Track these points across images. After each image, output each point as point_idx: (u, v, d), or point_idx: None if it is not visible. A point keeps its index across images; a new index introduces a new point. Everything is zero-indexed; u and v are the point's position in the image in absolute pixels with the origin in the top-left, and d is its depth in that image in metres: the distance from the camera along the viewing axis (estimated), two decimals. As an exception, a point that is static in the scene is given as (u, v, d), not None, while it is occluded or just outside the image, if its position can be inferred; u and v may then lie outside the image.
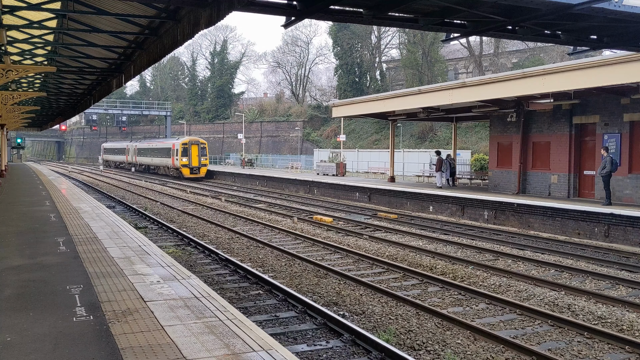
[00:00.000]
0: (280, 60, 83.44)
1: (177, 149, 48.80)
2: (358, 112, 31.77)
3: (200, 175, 49.06)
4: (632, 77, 16.41)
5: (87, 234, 12.48)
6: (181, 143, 48.45)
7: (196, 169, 48.75)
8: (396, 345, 8.14)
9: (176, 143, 49.33)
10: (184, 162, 48.32)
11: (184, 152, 48.41)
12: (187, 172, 48.40)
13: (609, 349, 8.37)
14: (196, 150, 48.74)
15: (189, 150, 48.37)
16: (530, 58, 51.38)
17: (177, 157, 48.76)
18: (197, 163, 48.77)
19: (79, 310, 6.62)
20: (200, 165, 49.02)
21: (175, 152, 49.29)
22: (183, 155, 48.31)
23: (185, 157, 48.28)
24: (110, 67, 17.97)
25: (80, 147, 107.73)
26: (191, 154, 48.38)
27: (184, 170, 48.49)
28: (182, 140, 49.36)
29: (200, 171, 49.10)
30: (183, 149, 48.30)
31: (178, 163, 48.69)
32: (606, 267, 14.00)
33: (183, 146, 48.28)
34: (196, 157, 48.70)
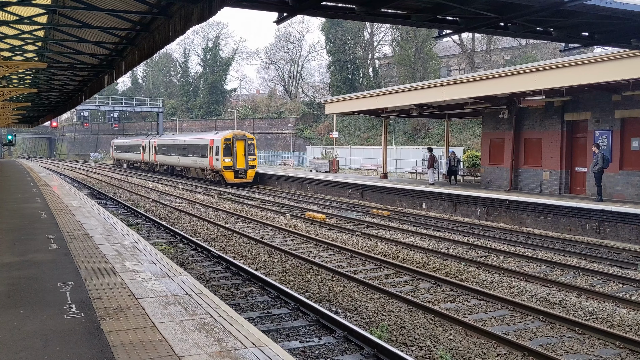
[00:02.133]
0: (273, 56, 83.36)
1: (217, 147, 38.73)
2: (351, 108, 31.76)
3: (247, 179, 38.76)
4: (623, 74, 16.47)
5: (78, 230, 12.41)
6: (223, 139, 38.18)
7: (242, 171, 38.48)
8: (388, 342, 8.15)
9: (216, 139, 39.21)
10: (226, 163, 38.02)
11: (226, 151, 38.09)
12: (230, 176, 38.15)
13: (600, 345, 8.41)
14: (242, 147, 38.58)
15: (233, 147, 38.24)
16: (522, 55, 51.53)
17: (217, 157, 38.51)
18: (244, 164, 38.57)
19: (69, 307, 6.59)
20: (248, 167, 38.75)
21: (214, 151, 39.01)
22: (226, 154, 37.99)
23: (228, 156, 37.98)
24: (102, 63, 17.86)
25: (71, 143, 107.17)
26: (236, 153, 38.15)
27: (227, 174, 38.18)
28: (224, 135, 39.02)
29: (247, 175, 38.84)
30: (226, 147, 38.13)
31: (219, 164, 38.32)
32: (597, 263, 14.07)
33: (226, 143, 38.16)
34: (242, 157, 38.55)
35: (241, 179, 38.40)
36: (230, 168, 38.14)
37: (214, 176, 40.33)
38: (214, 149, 39.21)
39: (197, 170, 43.70)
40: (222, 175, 38.56)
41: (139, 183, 41.07)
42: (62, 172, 54.60)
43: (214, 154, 39.06)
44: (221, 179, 39.03)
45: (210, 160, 39.80)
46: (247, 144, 38.80)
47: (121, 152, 67.69)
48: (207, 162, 40.40)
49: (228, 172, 38.20)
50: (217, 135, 40.04)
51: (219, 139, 38.59)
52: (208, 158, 40.08)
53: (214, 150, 39.03)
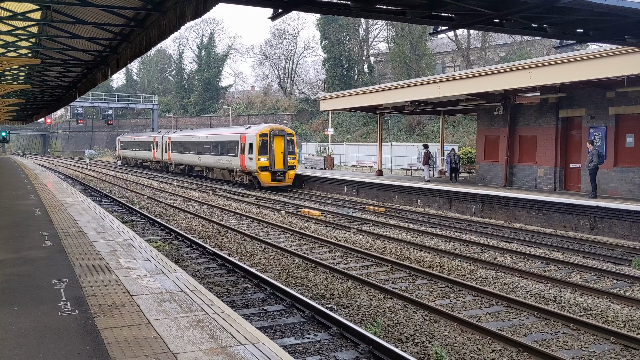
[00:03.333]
0: (268, 53, 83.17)
1: (250, 144, 32.77)
2: (346, 105, 31.75)
3: (285, 182, 32.85)
4: (618, 71, 16.51)
5: (72, 227, 12.37)
6: (258, 134, 32.24)
7: (281, 173, 32.38)
8: (384, 338, 8.16)
9: (249, 134, 33.26)
10: (262, 163, 31.98)
11: (262, 149, 32.13)
12: (267, 179, 32.15)
13: (595, 340, 8.44)
14: (281, 144, 32.43)
15: (269, 144, 32.14)
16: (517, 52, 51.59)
17: (250, 156, 32.61)
18: (283, 165, 32.33)
19: (64, 304, 6.57)
20: (287, 168, 32.64)
21: (247, 148, 33.21)
22: (262, 152, 32.07)
23: (264, 155, 32.02)
24: (96, 60, 17.78)
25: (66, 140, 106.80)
26: (274, 151, 32.07)
27: (262, 176, 32.13)
28: (259, 129, 33.25)
29: (285, 177, 32.80)
30: (261, 144, 32.20)
31: (253, 164, 32.33)
32: (592, 259, 14.12)
33: (261, 139, 32.20)
34: (281, 156, 32.29)
35: (279, 182, 32.34)
36: (267, 169, 32.00)
37: (245, 178, 34.07)
38: (246, 146, 33.15)
39: (223, 172, 37.63)
40: (257, 178, 32.55)
41: (143, 182, 40.90)
42: (56, 169, 54.40)
43: (246, 152, 33.05)
44: (254, 181, 33.10)
45: (242, 160, 33.61)
46: (286, 140, 32.63)
47: (128, 150, 62.00)
48: (237, 162, 34.29)
49: (264, 173, 32.09)
50: (250, 130, 34.12)
51: (253, 134, 32.54)
52: (238, 157, 34.08)
53: (247, 147, 33.07)
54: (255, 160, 32.17)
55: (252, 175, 33.13)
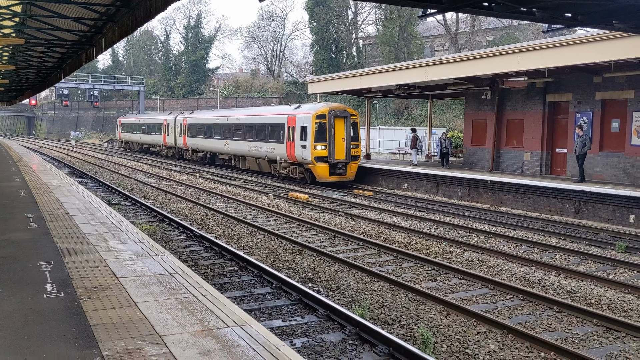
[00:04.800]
0: (256, 35, 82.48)
1: (302, 127, 25.81)
2: (334, 88, 31.61)
3: (347, 177, 26.18)
4: (605, 56, 16.57)
5: (58, 210, 12.27)
6: (315, 116, 25.40)
7: (342, 165, 25.72)
8: (370, 320, 8.22)
9: (302, 115, 26.14)
10: (319, 152, 25.26)
11: (319, 134, 25.38)
12: (324, 172, 25.46)
13: (578, 322, 8.56)
14: (342, 128, 25.81)
15: (329, 128, 25.38)
16: (506, 36, 51.56)
17: (303, 143, 25.67)
18: (344, 154, 25.72)
19: (49, 286, 6.53)
20: (350, 159, 25.97)
21: (297, 133, 26.11)
22: (318, 138, 25.31)
23: (321, 142, 25.31)
24: (81, 40, 17.53)
25: (51, 122, 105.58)
26: (334, 137, 25.41)
27: (319, 169, 25.39)
28: (316, 110, 25.90)
29: (347, 169, 26.04)
30: (318, 127, 25.36)
31: (307, 154, 25.43)
32: (576, 243, 14.28)
33: (318, 122, 25.39)
34: (342, 143, 25.70)
35: (339, 177, 25.75)
36: (325, 160, 25.34)
37: (294, 171, 27.24)
38: (296, 130, 26.21)
39: (259, 162, 30.69)
40: (310, 171, 25.91)
41: (130, 165, 40.56)
42: (41, 150, 53.85)
43: (296, 137, 26.10)
44: (306, 175, 26.55)
45: (289, 148, 26.71)
46: (348, 124, 25.95)
47: (132, 133, 54.84)
48: (283, 150, 27.32)
49: (321, 166, 25.32)
50: (302, 110, 26.80)
51: (308, 116, 25.62)
52: (285, 144, 27.07)
53: (297, 132, 26.05)
54: (310, 149, 25.14)
55: (304, 167, 26.30)
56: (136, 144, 54.88)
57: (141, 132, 51.99)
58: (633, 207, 16.37)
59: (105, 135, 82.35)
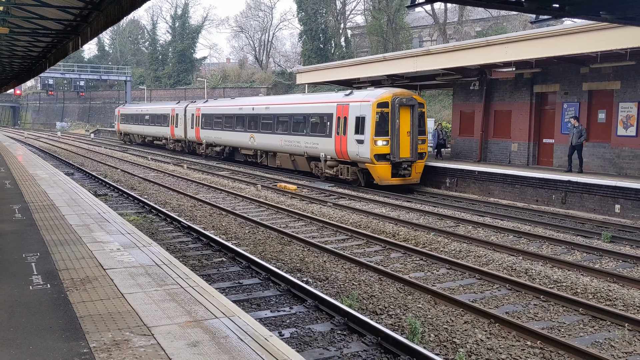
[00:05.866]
0: (243, 25, 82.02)
1: (359, 118, 21.45)
2: (322, 78, 31.52)
3: (412, 179, 21.92)
4: (592, 47, 16.65)
5: (44, 201, 12.16)
6: (376, 104, 21.01)
7: (407, 165, 21.55)
8: (359, 310, 8.24)
9: (357, 103, 21.78)
10: (380, 148, 21.00)
11: (381, 126, 21.12)
12: (386, 173, 21.21)
13: (564, 311, 8.64)
14: (408, 119, 21.52)
15: (393, 120, 21.08)
16: (494, 27, 51.65)
17: (360, 137, 21.28)
18: (409, 152, 21.52)
19: (35, 278, 6.48)
20: (416, 157, 21.74)
21: (351, 125, 21.85)
22: (379, 132, 21.05)
23: (383, 137, 21.03)
24: (66, 29, 17.31)
25: (36, 112, 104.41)
26: (398, 130, 21.15)
27: (380, 169, 21.13)
28: (376, 96, 21.37)
29: (412, 170, 21.77)
30: (379, 118, 21.07)
31: (365, 151, 21.12)
32: (562, 232, 14.40)
33: (380, 111, 21.05)
34: (407, 138, 21.50)
35: (403, 179, 21.52)
36: (386, 158, 21.02)
37: (344, 171, 22.71)
38: (349, 121, 21.85)
39: (296, 159, 26.12)
40: (368, 171, 21.65)
41: (117, 156, 40.24)
42: (27, 141, 53.31)
43: (349, 130, 21.78)
44: (360, 176, 22.26)
45: (339, 143, 22.33)
46: (415, 113, 21.57)
47: (133, 124, 50.05)
48: (330, 146, 22.93)
49: (382, 165, 21.02)
50: (356, 97, 22.22)
51: (366, 104, 21.13)
52: (332, 139, 22.78)
53: (351, 124, 21.71)
54: (370, 145, 20.78)
55: (359, 167, 22.06)
56: (138, 136, 50.06)
57: (144, 123, 47.14)
58: (619, 197, 16.53)
59: (92, 126, 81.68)
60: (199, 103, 37.85)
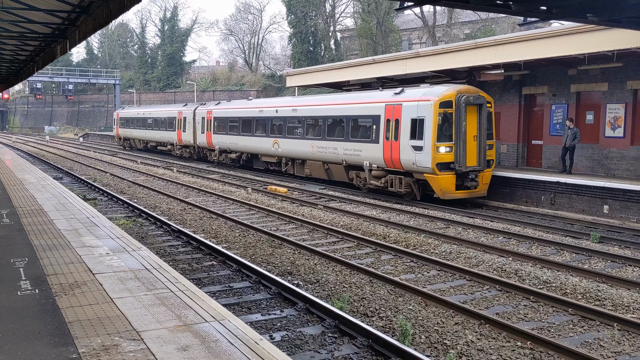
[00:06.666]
0: (233, 28, 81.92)
1: (416, 120, 18.54)
2: (312, 81, 31.54)
3: (478, 191, 18.91)
4: (579, 49, 16.78)
5: (32, 205, 12.07)
6: (438, 103, 18.04)
7: (474, 175, 18.51)
8: (350, 313, 8.23)
9: (411, 104, 18.85)
10: (442, 155, 18.08)
11: (443, 129, 18.29)
12: (449, 185, 18.25)
13: (554, 312, 8.68)
14: (475, 121, 18.59)
15: (458, 122, 18.18)
16: (482, 29, 51.92)
17: (416, 143, 18.40)
18: (476, 160, 18.55)
19: (23, 283, 6.42)
20: (484, 165, 18.73)
21: (406, 129, 18.90)
22: (442, 137, 18.18)
23: (446, 142, 18.18)
24: (54, 33, 17.21)
25: (24, 116, 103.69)
26: (464, 134, 18.22)
27: (442, 181, 18.14)
28: (438, 94, 18.35)
29: (480, 180, 18.69)
30: (442, 120, 18.24)
31: (425, 159, 18.12)
32: (552, 233, 14.47)
33: (443, 112, 18.19)
34: (474, 143, 18.55)
35: (470, 192, 18.51)
36: (450, 167, 18.08)
37: (395, 182, 19.60)
38: (402, 124, 18.84)
39: (331, 167, 23.22)
40: (427, 183, 18.56)
41: (106, 160, 40.01)
42: (15, 145, 52.92)
43: (402, 135, 18.80)
44: (415, 187, 19.19)
45: (389, 150, 19.33)
46: (483, 114, 18.53)
47: (134, 129, 46.86)
48: (378, 154, 19.89)
49: (445, 176, 18.00)
50: (410, 96, 19.12)
51: (427, 103, 18.07)
52: (380, 144, 19.74)
53: (406, 127, 18.73)
54: (431, 152, 17.81)
55: (415, 178, 19.00)
56: (139, 141, 46.75)
57: (147, 127, 43.96)
58: (607, 197, 16.65)
59: (81, 130, 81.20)
60: (210, 105, 35.14)
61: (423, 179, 18.64)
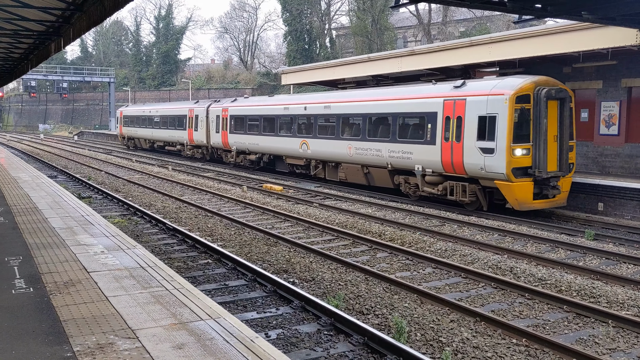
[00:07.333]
0: (228, 25, 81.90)
1: (486, 118, 15.84)
2: (308, 79, 31.53)
3: (558, 200, 16.22)
4: (574, 46, 16.81)
5: (26, 204, 12.02)
6: (514, 97, 15.35)
7: (554, 182, 15.86)
8: (345, 310, 8.24)
9: (479, 98, 16.18)
10: (518, 159, 15.42)
11: (521, 127, 15.60)
12: (525, 194, 15.58)
13: (549, 309, 8.71)
14: (555, 118, 15.97)
15: (538, 118, 15.55)
16: (477, 27, 52.02)
17: (486, 144, 15.75)
18: (557, 165, 15.94)
19: (18, 282, 6.40)
20: (566, 170, 16.11)
21: (471, 128, 16.25)
22: (518, 137, 15.52)
23: (522, 143, 15.52)
24: (48, 31, 17.13)
25: (18, 114, 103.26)
26: (544, 134, 15.54)
27: (518, 189, 15.48)
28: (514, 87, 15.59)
29: (561, 187, 16.05)
30: (518, 116, 15.53)
31: (497, 164, 15.46)
32: (547, 231, 14.51)
33: (519, 107, 15.51)
34: (554, 144, 15.91)
35: (549, 201, 16.09)
36: (528, 173, 15.60)
37: (456, 190, 17.06)
38: (467, 122, 16.37)
39: (371, 171, 20.85)
40: (497, 191, 16.13)
41: (101, 158, 39.88)
42: (9, 144, 52.71)
43: (466, 135, 16.32)
44: (482, 196, 16.75)
45: (449, 152, 16.88)
46: (565, 110, 16.16)
47: (139, 128, 44.40)
48: (435, 156, 17.37)
49: (522, 183, 15.54)
50: (475, 89, 16.67)
51: (499, 98, 15.64)
52: (437, 146, 17.27)
53: (471, 126, 16.24)
54: (505, 154, 15.36)
55: (481, 185, 16.56)
56: (145, 141, 44.31)
57: (153, 126, 41.57)
58: (602, 195, 16.70)
59: (75, 128, 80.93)
60: (225, 102, 32.37)
61: (492, 186, 16.14)
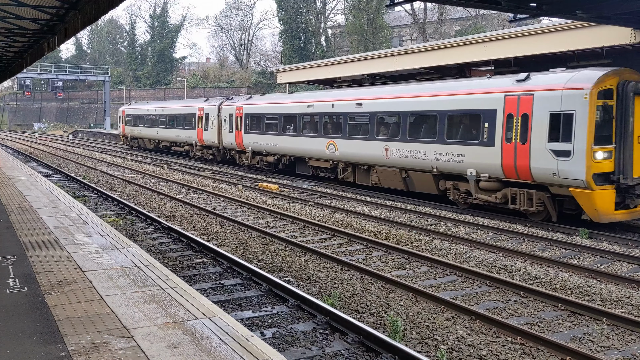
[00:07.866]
0: (223, 24, 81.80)
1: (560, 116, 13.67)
2: (303, 78, 31.51)
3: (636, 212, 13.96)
4: (569, 45, 16.85)
5: (21, 203, 11.98)
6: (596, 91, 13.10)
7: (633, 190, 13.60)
8: (341, 309, 8.24)
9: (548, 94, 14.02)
10: (599, 164, 13.29)
11: (603, 126, 13.43)
12: (607, 204, 13.43)
13: (543, 307, 8.73)
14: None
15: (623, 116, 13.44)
16: (473, 26, 52.08)
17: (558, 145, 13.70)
18: None
19: (12, 281, 6.38)
20: None
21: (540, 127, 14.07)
22: (599, 137, 13.31)
23: (604, 145, 13.41)
24: (43, 29, 17.05)
25: (13, 113, 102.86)
26: (631, 135, 13.49)
27: (599, 198, 13.29)
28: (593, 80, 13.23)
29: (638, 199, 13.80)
30: (601, 115, 13.41)
31: (576, 169, 13.36)
32: (542, 229, 14.53)
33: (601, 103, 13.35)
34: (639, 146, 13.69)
35: (630, 211, 14.04)
36: (611, 180, 13.60)
37: (524, 198, 15.00)
38: (534, 121, 14.32)
39: (411, 175, 18.83)
40: (575, 200, 13.96)
41: (96, 157, 39.76)
42: (3, 143, 52.50)
43: (534, 136, 14.32)
44: (551, 205, 14.71)
45: (511, 155, 14.92)
46: None
47: (144, 127, 42.16)
48: (493, 159, 15.38)
49: (604, 192, 13.49)
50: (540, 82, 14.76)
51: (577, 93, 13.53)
52: (496, 148, 15.34)
53: (540, 125, 14.20)
54: (585, 158, 13.34)
55: (552, 193, 14.56)
56: (150, 141, 42.14)
57: (159, 125, 39.43)
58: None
59: (70, 127, 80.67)
60: (239, 100, 30.22)
61: (565, 194, 14.16)
